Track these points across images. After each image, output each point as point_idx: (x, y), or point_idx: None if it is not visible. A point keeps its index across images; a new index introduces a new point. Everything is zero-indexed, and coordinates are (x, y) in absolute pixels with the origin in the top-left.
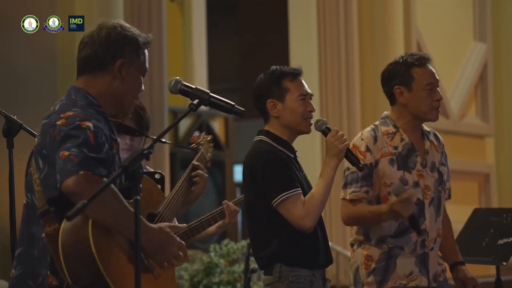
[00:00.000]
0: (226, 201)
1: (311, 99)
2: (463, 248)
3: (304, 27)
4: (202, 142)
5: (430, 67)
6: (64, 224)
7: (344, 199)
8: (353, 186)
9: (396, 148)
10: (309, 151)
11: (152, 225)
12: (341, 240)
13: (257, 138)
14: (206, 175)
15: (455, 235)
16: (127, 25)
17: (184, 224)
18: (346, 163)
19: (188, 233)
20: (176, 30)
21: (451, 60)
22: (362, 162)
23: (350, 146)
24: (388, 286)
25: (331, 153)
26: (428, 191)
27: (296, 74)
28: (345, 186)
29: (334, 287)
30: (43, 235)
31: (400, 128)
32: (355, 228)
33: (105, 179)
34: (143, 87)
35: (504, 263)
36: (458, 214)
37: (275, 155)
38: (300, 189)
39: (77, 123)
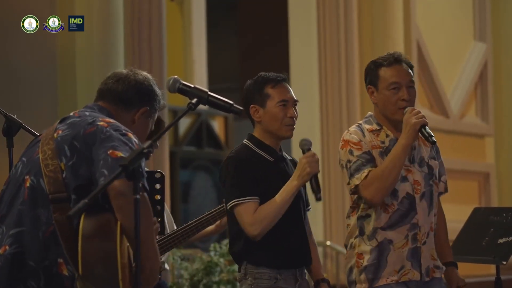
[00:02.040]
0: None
1: (295, 105)
2: (463, 247)
3: (304, 27)
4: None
5: (402, 67)
6: (87, 218)
7: (357, 185)
8: (362, 169)
9: (383, 142)
10: None
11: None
12: (341, 240)
13: (243, 141)
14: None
15: (455, 235)
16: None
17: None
18: (346, 156)
19: (188, 232)
20: (176, 30)
21: (451, 60)
22: (362, 149)
23: (340, 144)
24: (380, 284)
25: (298, 173)
26: (418, 186)
27: (278, 81)
28: (352, 175)
29: (334, 286)
30: (53, 222)
31: (384, 126)
32: (348, 230)
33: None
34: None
35: (504, 262)
36: (458, 214)
37: (240, 160)
38: (255, 198)
39: (123, 131)
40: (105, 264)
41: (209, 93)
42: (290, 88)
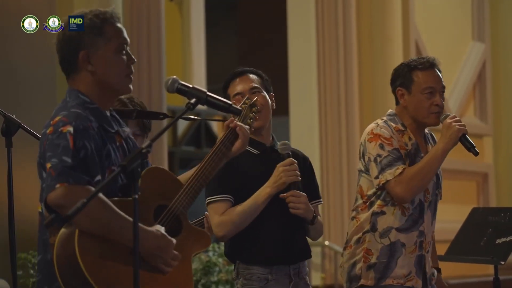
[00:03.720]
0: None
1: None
2: (462, 247)
3: (303, 27)
4: (242, 106)
5: (435, 72)
6: (59, 235)
7: (388, 180)
8: (395, 165)
9: (406, 145)
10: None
11: (147, 228)
12: (339, 239)
13: None
14: (247, 129)
15: (454, 235)
16: (84, 11)
17: (174, 240)
18: (375, 150)
19: None
20: (174, 30)
21: (449, 60)
22: (393, 145)
23: (368, 137)
24: (386, 283)
25: (273, 180)
26: (428, 194)
27: (234, 76)
28: (383, 170)
29: (332, 286)
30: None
31: (408, 128)
32: (354, 224)
33: (89, 187)
34: (133, 58)
35: (502, 262)
36: (457, 214)
37: None
38: (226, 196)
39: (59, 129)
40: (77, 276)
41: (208, 93)
42: (246, 80)
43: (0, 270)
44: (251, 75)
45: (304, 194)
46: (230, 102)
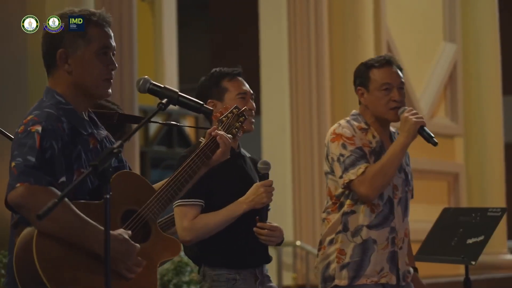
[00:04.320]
0: None
1: (252, 98)
2: (433, 247)
3: (274, 27)
4: (228, 115)
5: (392, 69)
6: (20, 236)
7: (351, 180)
8: (358, 164)
9: (370, 143)
10: (279, 155)
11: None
12: (310, 239)
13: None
14: (229, 139)
15: (425, 235)
16: (73, 9)
17: (138, 245)
18: (338, 150)
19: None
20: (146, 30)
21: (421, 61)
22: (355, 144)
23: (331, 137)
24: (360, 283)
25: (251, 199)
26: (397, 191)
27: (234, 74)
28: (346, 170)
29: (303, 286)
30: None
31: (371, 126)
32: (326, 225)
33: (51, 188)
34: (114, 63)
35: (473, 263)
36: (427, 214)
37: None
38: (198, 201)
39: (28, 128)
40: (34, 279)
41: (180, 93)
42: (245, 82)
43: None
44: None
45: (279, 228)
46: (201, 102)
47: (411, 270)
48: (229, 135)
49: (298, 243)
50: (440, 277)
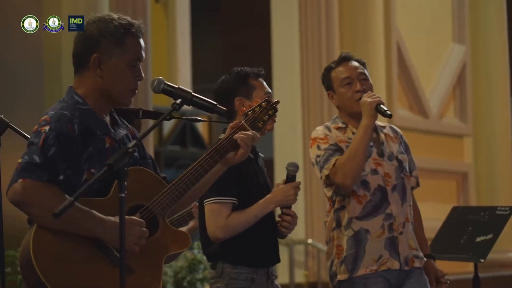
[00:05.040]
0: (195, 203)
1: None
2: (442, 245)
3: (286, 28)
4: (255, 109)
5: (349, 63)
6: (27, 233)
7: (327, 175)
8: (330, 159)
9: (350, 139)
10: (291, 155)
11: (103, 217)
12: (322, 238)
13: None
14: (250, 137)
15: (434, 233)
16: (113, 16)
17: (141, 220)
18: (314, 152)
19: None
20: (160, 31)
21: (430, 61)
22: (329, 142)
23: (310, 144)
24: (359, 274)
25: (280, 198)
26: (389, 178)
27: (260, 74)
28: (322, 168)
29: (314, 283)
30: None
31: (349, 125)
32: (326, 227)
33: (52, 185)
34: (142, 75)
35: (482, 260)
36: (437, 212)
37: None
38: (233, 199)
39: (39, 128)
40: (32, 272)
41: (193, 93)
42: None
43: None
44: None
45: (297, 215)
46: (214, 103)
47: (420, 255)
48: (249, 133)
49: (309, 241)
50: (449, 275)
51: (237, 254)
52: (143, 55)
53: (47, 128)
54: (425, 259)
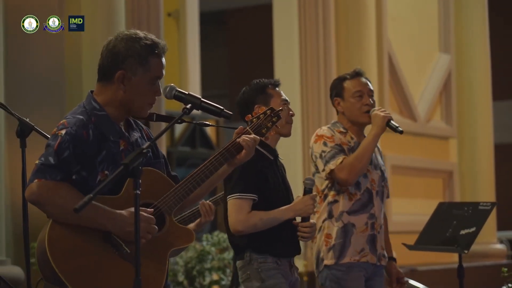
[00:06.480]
0: (203, 201)
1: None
2: (429, 238)
3: (286, 38)
4: (260, 116)
5: (362, 79)
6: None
7: (332, 170)
8: (337, 156)
9: (349, 142)
10: (291, 155)
11: (113, 210)
12: None
13: None
14: (252, 140)
15: (422, 227)
16: (140, 35)
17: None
18: (320, 148)
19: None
20: (172, 42)
21: (418, 70)
22: (335, 142)
23: (314, 139)
24: (345, 261)
25: (299, 207)
26: (374, 184)
27: (276, 84)
28: (327, 162)
29: (312, 272)
30: None
31: (349, 131)
32: (316, 215)
33: (64, 183)
34: (160, 91)
35: (466, 251)
36: (424, 208)
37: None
38: (254, 196)
39: (57, 132)
40: (48, 265)
41: (202, 99)
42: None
43: (16, 258)
44: None
45: (315, 223)
46: (221, 107)
47: (386, 255)
48: (251, 136)
49: None
50: (436, 265)
51: (262, 245)
52: (163, 73)
53: (63, 132)
54: (387, 257)
